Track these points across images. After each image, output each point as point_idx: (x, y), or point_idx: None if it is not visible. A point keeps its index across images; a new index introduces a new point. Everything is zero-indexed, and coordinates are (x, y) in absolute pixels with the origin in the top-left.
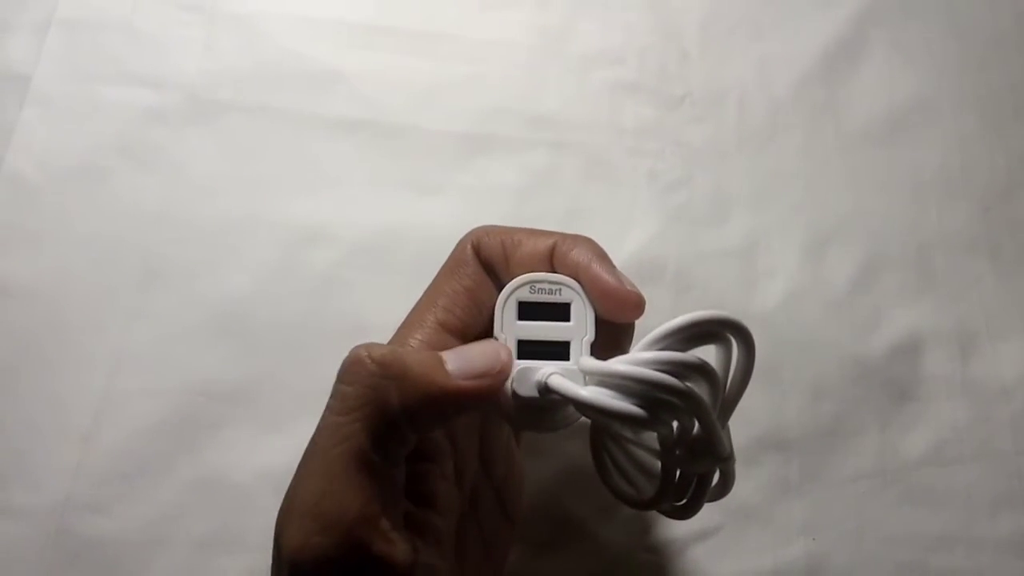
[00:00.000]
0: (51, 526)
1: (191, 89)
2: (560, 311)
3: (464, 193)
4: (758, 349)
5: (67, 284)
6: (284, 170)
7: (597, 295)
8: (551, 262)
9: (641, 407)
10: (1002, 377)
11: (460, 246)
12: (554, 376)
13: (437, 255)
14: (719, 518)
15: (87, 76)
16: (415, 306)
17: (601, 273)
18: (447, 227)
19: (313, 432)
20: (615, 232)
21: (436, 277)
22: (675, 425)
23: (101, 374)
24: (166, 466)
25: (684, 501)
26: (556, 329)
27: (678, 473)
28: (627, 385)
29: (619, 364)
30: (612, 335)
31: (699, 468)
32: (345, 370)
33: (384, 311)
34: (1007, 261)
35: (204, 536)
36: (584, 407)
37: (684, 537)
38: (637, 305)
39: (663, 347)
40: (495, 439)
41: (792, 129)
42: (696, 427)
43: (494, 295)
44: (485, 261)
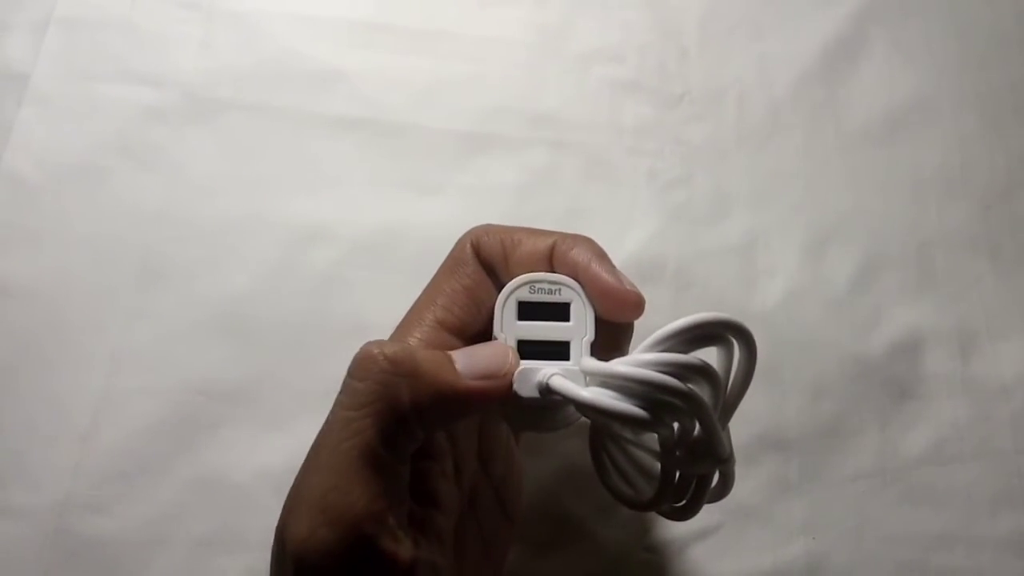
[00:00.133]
0: (50, 526)
1: (190, 88)
2: (560, 311)
3: (464, 192)
4: (758, 348)
5: (66, 284)
6: (284, 169)
7: (597, 294)
8: (550, 262)
9: (643, 408)
10: (1002, 376)
11: (459, 245)
12: (555, 377)
13: (437, 254)
14: (719, 517)
15: (86, 75)
16: (414, 305)
17: (601, 272)
18: (447, 226)
19: (321, 427)
20: (615, 231)
21: (435, 276)
22: (675, 427)
23: (100, 373)
24: (165, 465)
25: (683, 502)
26: (556, 329)
27: (677, 474)
28: (629, 386)
29: (621, 365)
30: (612, 335)
31: (699, 470)
32: (356, 366)
33: (384, 310)
34: (1007, 260)
35: (204, 535)
36: (585, 408)
37: (684, 536)
38: (637, 304)
39: (665, 349)
40: (494, 438)
41: (792, 128)
42: (697, 429)
43: (493, 294)
44: (484, 260)
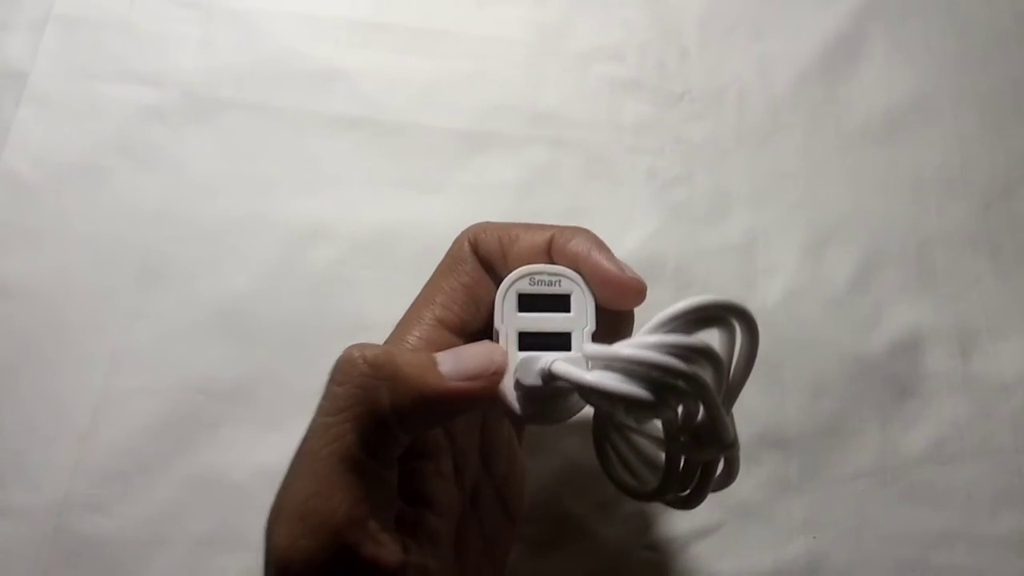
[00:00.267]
0: (49, 525)
1: (190, 87)
2: (560, 302)
3: (464, 191)
4: (759, 347)
5: (66, 283)
6: (284, 168)
7: (598, 283)
8: (549, 254)
9: (647, 391)
10: (1002, 374)
11: (457, 243)
12: (558, 362)
13: (437, 253)
14: (719, 516)
15: (85, 74)
16: (413, 304)
17: (601, 260)
18: (447, 225)
19: (305, 432)
20: (615, 229)
21: (433, 274)
22: (680, 411)
23: (100, 373)
24: (165, 465)
25: (688, 491)
26: (557, 320)
27: (682, 462)
28: (633, 369)
29: (624, 348)
30: (613, 325)
31: (704, 455)
32: (337, 370)
33: (384, 309)
34: (1007, 259)
35: (203, 535)
36: (590, 391)
37: (684, 535)
38: (638, 291)
39: (667, 331)
40: (496, 436)
41: (791, 127)
42: (701, 413)
43: (492, 291)
44: (483, 257)
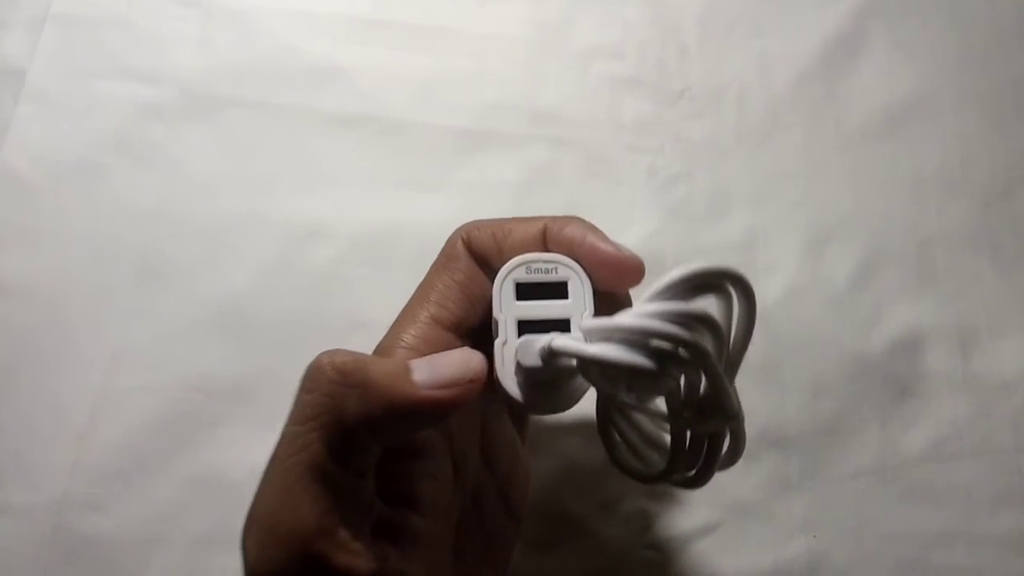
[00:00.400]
0: (48, 524)
1: (188, 84)
2: (558, 289)
3: (463, 189)
4: (758, 345)
5: (64, 282)
6: (282, 166)
7: (596, 265)
8: (544, 244)
9: (649, 359)
10: (1003, 373)
11: (450, 242)
12: (558, 338)
13: (436, 251)
14: (720, 515)
15: (83, 71)
16: (408, 303)
17: (597, 243)
18: (446, 223)
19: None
20: (614, 228)
21: (428, 273)
22: (683, 383)
23: (98, 371)
24: (164, 464)
25: (695, 470)
26: (555, 307)
27: (688, 440)
28: (633, 338)
29: (623, 318)
30: (610, 309)
31: (709, 427)
32: (306, 377)
33: (383, 308)
34: (1007, 257)
35: (202, 534)
36: (591, 363)
37: (685, 534)
38: (636, 269)
39: (664, 300)
40: (498, 435)
41: (792, 125)
42: (703, 385)
43: (487, 288)
44: (477, 254)
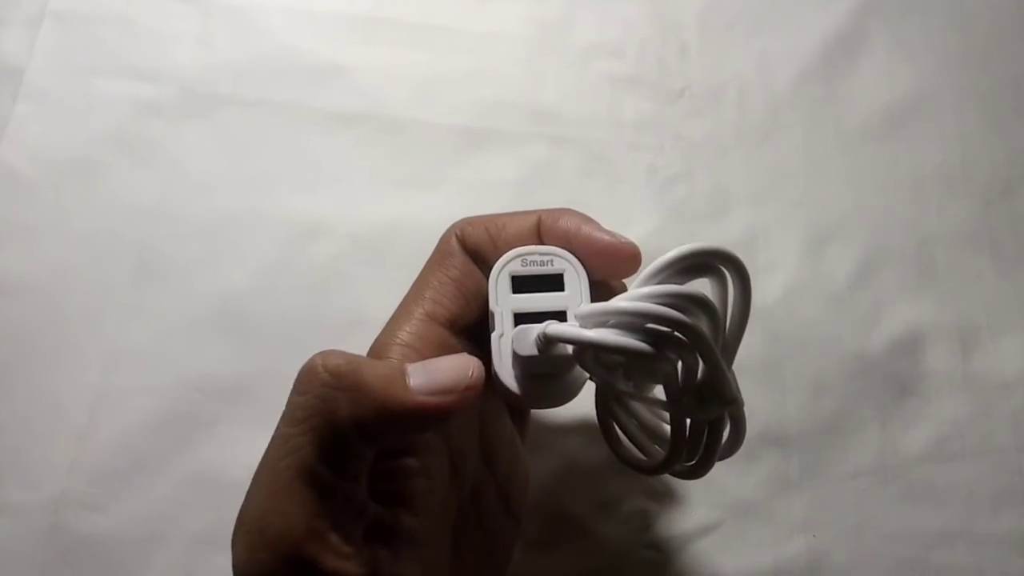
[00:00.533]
0: (46, 523)
1: (187, 82)
2: (553, 281)
3: (463, 187)
4: (758, 345)
5: (62, 280)
6: (282, 164)
7: (592, 253)
8: (538, 237)
9: (645, 342)
10: (1003, 372)
11: (444, 239)
12: (552, 324)
13: None
14: (719, 514)
15: (81, 69)
16: (403, 300)
17: (593, 232)
18: (446, 222)
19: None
20: (614, 227)
21: (422, 270)
22: (680, 369)
23: (97, 370)
24: (162, 463)
25: (695, 459)
26: (551, 299)
27: (688, 428)
28: (628, 321)
29: (617, 302)
30: (607, 300)
31: (708, 413)
32: (299, 379)
33: (383, 306)
34: (1008, 256)
35: (200, 533)
36: (587, 348)
37: (685, 533)
38: (633, 256)
39: (658, 282)
40: (497, 433)
41: (792, 124)
42: (701, 370)
43: (483, 284)
44: (471, 250)
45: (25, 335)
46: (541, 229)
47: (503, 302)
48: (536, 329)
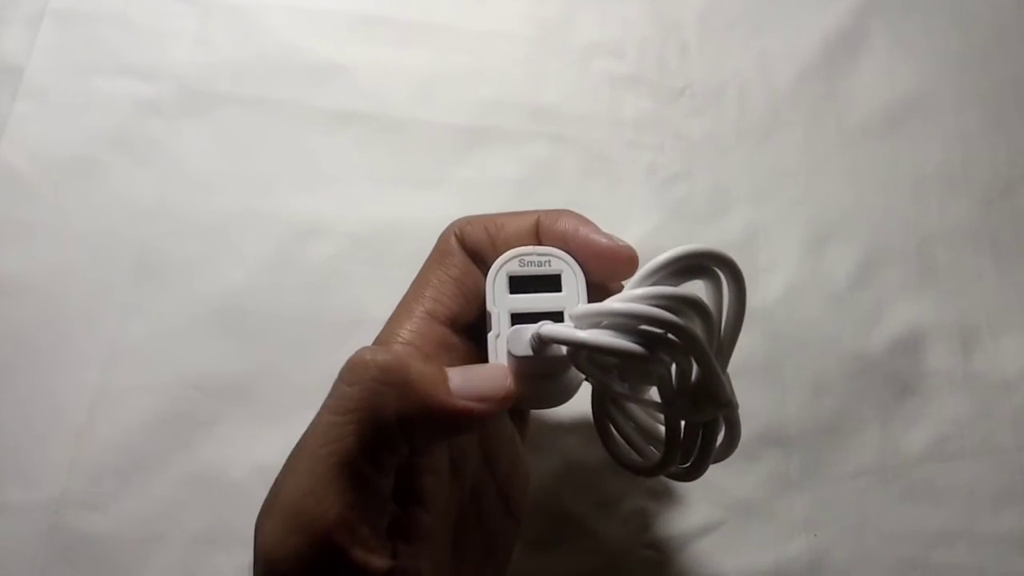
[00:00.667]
0: (45, 522)
1: (187, 81)
2: (551, 282)
3: (463, 186)
4: (758, 344)
5: (61, 279)
6: (281, 163)
7: (590, 256)
8: (537, 237)
9: (639, 344)
10: (1004, 372)
11: (443, 237)
12: (546, 325)
13: None
14: (720, 514)
15: (81, 68)
16: (403, 298)
17: (590, 234)
18: (446, 221)
19: (307, 426)
20: (614, 226)
21: (422, 269)
22: (674, 371)
23: (96, 369)
24: (162, 462)
25: (690, 461)
26: (548, 300)
27: (683, 430)
28: (623, 323)
29: (612, 303)
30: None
31: (702, 416)
32: (347, 369)
33: (382, 305)
34: (1009, 255)
35: (200, 532)
36: (580, 348)
37: (685, 533)
38: (630, 259)
39: (652, 284)
40: (497, 434)
41: (792, 123)
42: (695, 371)
43: (481, 283)
44: (470, 249)
45: (24, 334)
46: (539, 230)
47: (500, 302)
48: (531, 329)
